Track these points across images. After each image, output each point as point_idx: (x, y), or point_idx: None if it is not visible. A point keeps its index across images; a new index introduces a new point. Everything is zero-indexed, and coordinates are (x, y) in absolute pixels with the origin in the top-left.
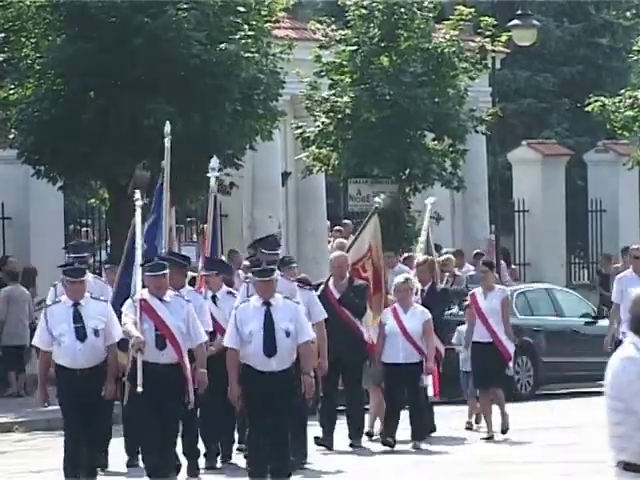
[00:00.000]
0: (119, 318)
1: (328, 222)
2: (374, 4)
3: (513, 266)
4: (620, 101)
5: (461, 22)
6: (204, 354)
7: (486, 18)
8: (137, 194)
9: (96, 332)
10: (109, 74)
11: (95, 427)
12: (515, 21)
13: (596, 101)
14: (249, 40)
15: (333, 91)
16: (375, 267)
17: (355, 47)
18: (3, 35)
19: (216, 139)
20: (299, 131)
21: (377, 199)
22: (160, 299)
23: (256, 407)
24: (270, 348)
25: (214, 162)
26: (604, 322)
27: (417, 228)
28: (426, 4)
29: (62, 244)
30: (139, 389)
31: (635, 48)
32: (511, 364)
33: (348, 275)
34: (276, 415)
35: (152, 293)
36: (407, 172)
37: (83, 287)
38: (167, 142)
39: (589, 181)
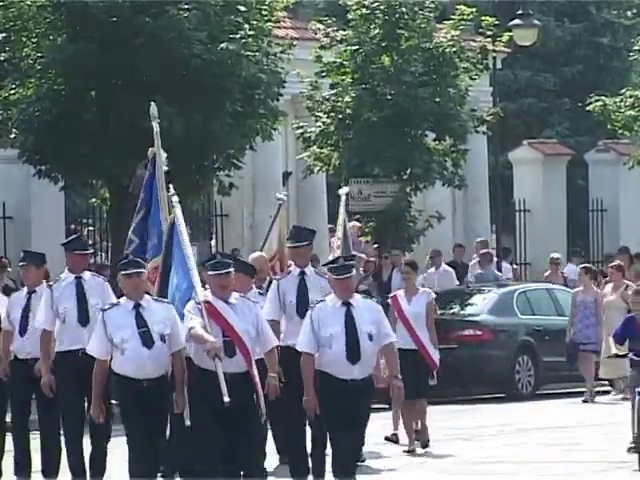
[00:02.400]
0: None
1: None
2: (375, 4)
3: (515, 265)
4: (621, 101)
5: (462, 22)
6: (276, 359)
7: (487, 18)
8: (172, 189)
9: (162, 337)
10: (110, 74)
11: (163, 442)
12: (516, 21)
13: (597, 101)
14: (250, 39)
15: (334, 91)
16: (282, 268)
17: (356, 47)
18: (4, 35)
19: (216, 139)
20: (300, 131)
21: (279, 195)
22: (226, 301)
23: (334, 419)
24: (354, 354)
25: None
26: None
27: (418, 228)
28: (427, 4)
29: None
30: (226, 399)
31: (636, 47)
32: (435, 374)
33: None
34: (355, 428)
35: (216, 294)
36: (408, 172)
37: (142, 282)
38: (155, 126)
39: (590, 181)
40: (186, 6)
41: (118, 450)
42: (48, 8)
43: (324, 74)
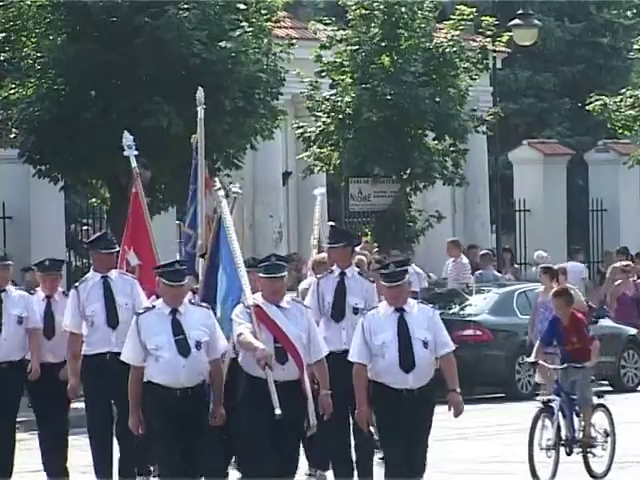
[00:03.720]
0: None
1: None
2: (375, 4)
3: (516, 265)
4: (621, 100)
5: (462, 22)
6: (326, 371)
7: (487, 18)
8: (217, 183)
9: (199, 345)
10: (110, 74)
11: (198, 457)
12: (516, 21)
13: (597, 100)
14: (249, 39)
15: (334, 91)
16: None
17: (356, 47)
18: (4, 35)
19: (216, 138)
20: (300, 131)
21: (234, 188)
22: (277, 305)
23: (391, 431)
24: (407, 362)
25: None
26: (605, 322)
27: (418, 228)
28: (427, 4)
29: (63, 243)
30: (277, 411)
31: (636, 47)
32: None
33: None
34: (413, 441)
35: (267, 298)
36: (408, 172)
37: (183, 293)
38: (200, 112)
39: (590, 180)
40: (186, 6)
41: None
42: (48, 8)
43: (324, 74)
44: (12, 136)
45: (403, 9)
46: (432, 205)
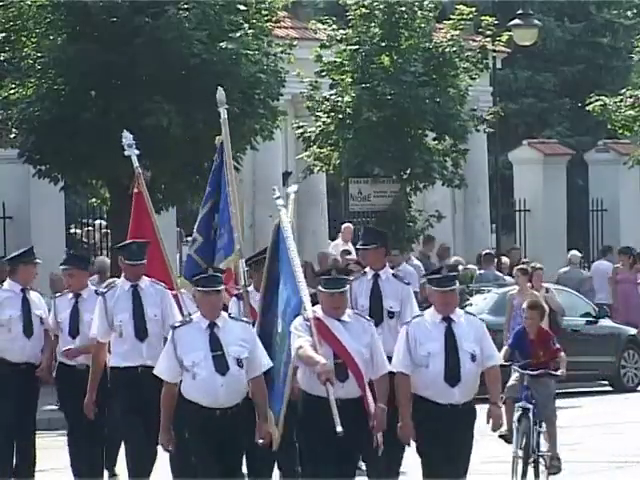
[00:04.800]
0: (265, 347)
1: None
2: (375, 3)
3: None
4: (621, 100)
5: (462, 22)
6: (387, 388)
7: (487, 18)
8: (276, 190)
9: (239, 362)
10: (110, 74)
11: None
12: (516, 21)
13: (597, 100)
14: (249, 39)
15: (334, 91)
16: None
17: (356, 46)
18: (4, 35)
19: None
20: (300, 131)
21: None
22: (338, 319)
23: (432, 448)
24: (453, 375)
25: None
26: (605, 322)
27: (418, 228)
28: (427, 3)
29: (63, 243)
30: (338, 429)
31: (636, 48)
32: None
33: None
34: (456, 459)
35: (327, 313)
36: (408, 171)
37: (220, 300)
38: (223, 113)
39: (590, 180)
40: (185, 6)
41: None
42: (48, 8)
43: (324, 73)
44: (12, 136)
45: (403, 9)
46: (432, 205)
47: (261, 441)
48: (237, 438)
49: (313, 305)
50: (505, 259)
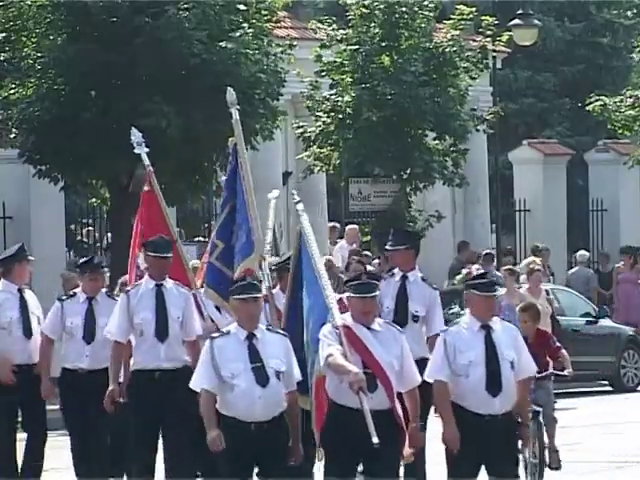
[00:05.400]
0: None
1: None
2: (375, 3)
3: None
4: (621, 100)
5: (462, 22)
6: (418, 402)
7: (487, 18)
8: (295, 195)
9: (278, 374)
10: (110, 74)
11: None
12: (516, 21)
13: (597, 100)
14: (249, 39)
15: (334, 91)
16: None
17: (356, 46)
18: (4, 35)
19: (217, 138)
20: (300, 131)
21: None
22: (368, 327)
23: (464, 459)
24: (494, 384)
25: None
26: (605, 322)
27: (418, 228)
28: (427, 3)
29: (63, 243)
30: (374, 440)
31: (636, 48)
32: None
33: None
34: (501, 472)
35: (357, 319)
36: (408, 171)
37: (259, 308)
38: (235, 113)
39: (590, 180)
40: (185, 6)
41: None
42: (48, 8)
43: (324, 73)
44: (12, 136)
45: (403, 9)
46: (432, 205)
47: (292, 462)
48: (274, 456)
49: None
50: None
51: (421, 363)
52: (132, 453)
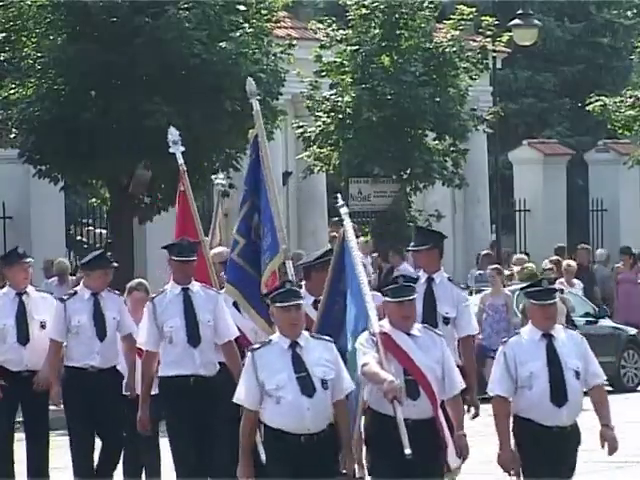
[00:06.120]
0: None
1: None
2: (375, 4)
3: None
4: (621, 101)
5: (462, 22)
6: (463, 410)
7: (487, 18)
8: (339, 198)
9: (324, 383)
10: (110, 74)
11: None
12: (516, 21)
13: (597, 100)
14: (249, 39)
15: (334, 91)
16: None
17: (356, 47)
18: (4, 35)
19: (216, 139)
20: (300, 131)
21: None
22: (407, 333)
23: (536, 475)
24: (559, 394)
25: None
26: (605, 322)
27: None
28: (427, 4)
29: (63, 243)
30: (407, 451)
31: (636, 48)
32: None
33: None
34: None
35: (395, 325)
36: (408, 171)
37: (301, 316)
38: (255, 104)
39: (590, 180)
40: (185, 6)
41: None
42: (48, 8)
43: (324, 74)
44: (12, 136)
45: (403, 9)
46: (432, 205)
47: (344, 472)
48: (325, 470)
49: None
50: (571, 262)
51: None
52: (176, 464)
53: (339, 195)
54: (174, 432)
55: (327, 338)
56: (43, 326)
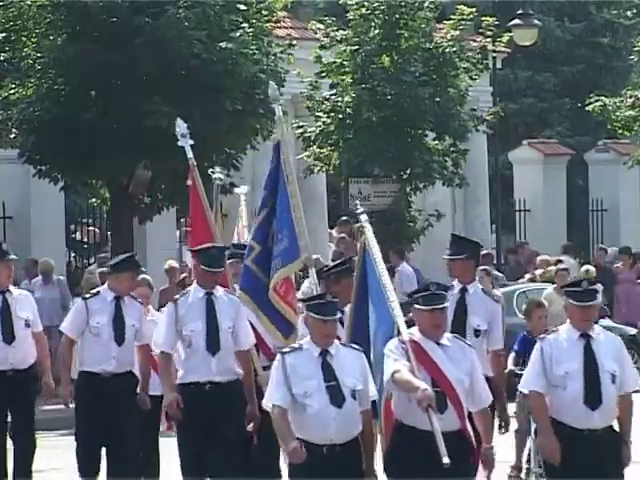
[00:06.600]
0: None
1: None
2: (375, 4)
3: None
4: (621, 101)
5: (462, 22)
6: (491, 422)
7: (487, 18)
8: (359, 206)
9: (353, 394)
10: (110, 74)
11: None
12: (516, 21)
13: (597, 101)
14: (249, 39)
15: (334, 91)
16: None
17: (356, 47)
18: (4, 35)
19: (217, 138)
20: (300, 131)
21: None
22: (437, 342)
23: (565, 475)
24: (593, 396)
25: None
26: (605, 321)
27: (418, 227)
28: (427, 4)
29: (63, 243)
30: (445, 460)
31: (636, 48)
32: None
33: None
34: None
35: (425, 334)
36: (408, 171)
37: (336, 328)
38: (278, 110)
39: (590, 180)
40: (185, 5)
41: None
42: (48, 8)
43: (324, 74)
44: (12, 136)
45: (403, 9)
46: (432, 205)
47: None
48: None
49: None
50: (590, 267)
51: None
52: (183, 470)
53: (358, 202)
54: (184, 439)
55: (357, 347)
56: (27, 324)
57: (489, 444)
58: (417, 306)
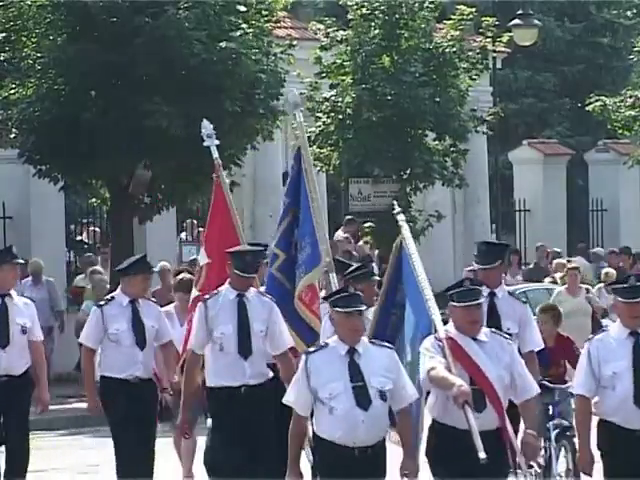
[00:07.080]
0: None
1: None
2: (375, 4)
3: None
4: (621, 101)
5: (462, 22)
6: (535, 411)
7: (487, 18)
8: (396, 207)
9: (382, 395)
10: (110, 74)
11: None
12: (516, 21)
13: (597, 101)
14: (249, 39)
15: (334, 91)
16: None
17: (356, 47)
18: (4, 35)
19: (217, 138)
20: None
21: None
22: (474, 339)
23: (624, 476)
24: None
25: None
26: (605, 321)
27: (418, 228)
28: (427, 4)
29: (63, 243)
30: (482, 455)
31: (636, 48)
32: None
33: None
34: None
35: (461, 330)
36: (408, 171)
37: (362, 323)
38: (299, 116)
39: (590, 180)
40: (185, 5)
41: None
42: (48, 8)
43: (324, 75)
44: (12, 136)
45: (403, 9)
46: (432, 205)
47: (406, 476)
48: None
49: None
50: (610, 270)
51: None
52: (213, 472)
53: (395, 202)
54: (217, 442)
55: (388, 345)
56: (24, 331)
57: (532, 430)
58: (452, 303)
